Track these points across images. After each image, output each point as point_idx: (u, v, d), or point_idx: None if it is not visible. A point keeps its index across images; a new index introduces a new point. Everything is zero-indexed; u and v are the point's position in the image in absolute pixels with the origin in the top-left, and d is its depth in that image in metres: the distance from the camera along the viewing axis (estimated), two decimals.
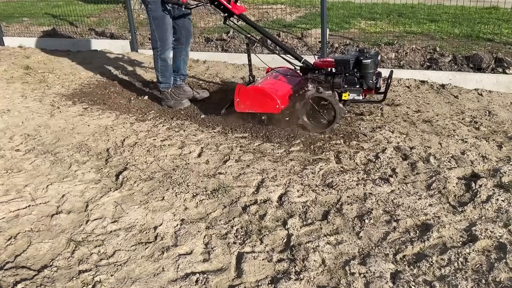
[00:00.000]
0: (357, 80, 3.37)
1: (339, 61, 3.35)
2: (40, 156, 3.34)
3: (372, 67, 3.33)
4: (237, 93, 3.49)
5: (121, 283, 2.06)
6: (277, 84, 3.63)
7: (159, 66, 4.11)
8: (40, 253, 2.28)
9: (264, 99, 3.41)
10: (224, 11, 3.62)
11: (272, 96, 3.39)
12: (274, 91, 3.45)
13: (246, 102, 3.50)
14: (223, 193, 2.75)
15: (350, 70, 3.34)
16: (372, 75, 3.36)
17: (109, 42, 6.66)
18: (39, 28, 7.58)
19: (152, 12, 3.86)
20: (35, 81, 5.25)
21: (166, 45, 4.02)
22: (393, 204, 2.55)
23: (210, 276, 2.07)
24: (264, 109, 3.48)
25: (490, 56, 4.70)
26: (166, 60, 4.10)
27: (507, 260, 2.04)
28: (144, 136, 3.63)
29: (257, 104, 3.47)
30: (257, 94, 3.44)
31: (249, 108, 3.53)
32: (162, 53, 4.04)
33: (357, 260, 2.12)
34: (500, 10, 6.88)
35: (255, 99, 3.45)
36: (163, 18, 3.89)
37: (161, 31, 3.94)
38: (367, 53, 3.37)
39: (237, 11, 3.61)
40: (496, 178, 2.72)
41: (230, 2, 3.58)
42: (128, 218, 2.54)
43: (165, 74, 4.15)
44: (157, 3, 3.81)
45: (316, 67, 3.53)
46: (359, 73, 3.35)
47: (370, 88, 3.40)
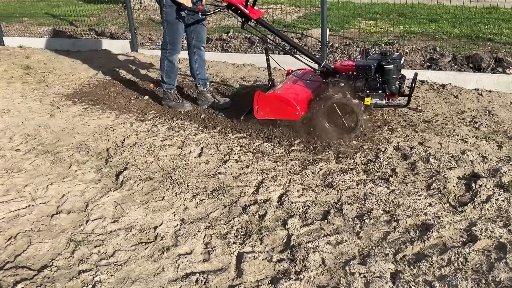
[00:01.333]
0: (379, 85, 3.26)
1: (361, 67, 3.26)
2: (40, 156, 3.34)
3: (395, 72, 3.21)
4: (256, 100, 3.43)
5: (121, 283, 2.06)
6: (297, 89, 3.54)
7: (165, 67, 4.11)
8: (40, 253, 2.28)
9: (284, 106, 3.35)
10: (242, 16, 3.56)
11: (292, 103, 3.32)
12: (294, 97, 3.38)
13: (265, 109, 3.44)
14: (223, 193, 2.75)
15: (372, 75, 3.24)
16: (395, 80, 3.24)
17: (109, 42, 6.66)
18: (39, 28, 7.58)
19: (167, 15, 3.85)
20: (35, 81, 5.25)
21: (176, 49, 4.03)
22: (393, 204, 2.55)
23: (210, 276, 2.07)
24: (284, 116, 3.41)
25: (490, 56, 4.70)
26: (173, 63, 4.10)
27: (507, 260, 2.04)
28: (144, 136, 3.63)
29: (276, 111, 3.41)
30: (277, 101, 3.38)
31: (269, 115, 3.46)
32: (170, 56, 4.05)
33: (357, 260, 2.12)
34: (500, 10, 6.88)
35: (275, 106, 3.40)
36: (176, 23, 3.88)
37: (173, 35, 3.94)
38: (390, 57, 3.26)
39: (254, 15, 3.53)
40: (496, 178, 2.72)
41: (247, 6, 3.52)
42: (128, 218, 2.54)
43: (170, 75, 4.15)
44: (173, 7, 3.79)
45: (336, 71, 3.43)
46: (382, 78, 3.24)
47: (393, 93, 3.30)
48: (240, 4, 3.50)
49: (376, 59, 3.29)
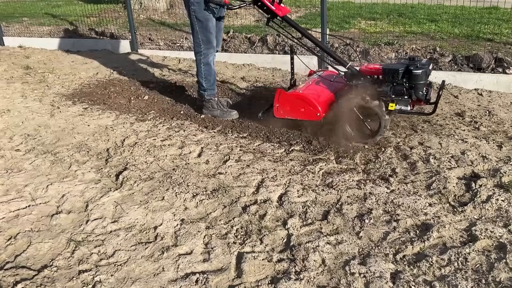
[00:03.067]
0: (406, 90, 3.16)
1: (387, 70, 3.17)
2: (40, 156, 3.34)
3: (423, 78, 3.10)
4: (277, 98, 3.36)
5: (121, 283, 2.06)
6: (319, 90, 3.47)
7: (202, 71, 3.86)
8: (40, 253, 2.28)
9: (305, 106, 3.28)
10: (267, 12, 3.45)
11: (313, 103, 3.25)
12: (316, 98, 3.30)
13: (285, 108, 3.37)
14: (223, 193, 2.75)
15: (399, 79, 3.14)
16: (422, 86, 3.14)
17: (109, 42, 6.66)
18: (39, 28, 7.58)
19: (196, 13, 3.67)
20: (35, 81, 5.25)
21: (211, 48, 3.82)
22: (393, 204, 2.55)
23: (210, 276, 2.07)
24: (304, 116, 3.34)
25: (490, 56, 4.70)
26: (210, 64, 3.88)
27: (507, 260, 2.04)
28: (144, 136, 3.63)
29: (297, 111, 3.34)
30: (298, 100, 3.31)
31: (289, 115, 3.39)
32: (205, 57, 3.83)
33: (357, 260, 2.12)
34: (500, 10, 6.88)
35: (296, 106, 3.32)
36: (208, 19, 3.70)
37: (206, 33, 3.73)
38: (418, 62, 3.17)
39: (281, 12, 3.42)
40: (496, 178, 2.72)
41: (274, 3, 3.40)
42: (128, 218, 2.54)
43: (209, 79, 3.91)
44: (201, 3, 3.63)
45: (362, 73, 3.33)
46: (409, 83, 3.14)
47: (419, 99, 3.20)
48: (267, 0, 3.39)
49: (404, 64, 3.19)
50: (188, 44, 6.36)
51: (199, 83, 3.95)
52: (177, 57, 6.00)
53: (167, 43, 6.56)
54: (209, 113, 3.97)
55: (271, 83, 4.87)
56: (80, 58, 6.15)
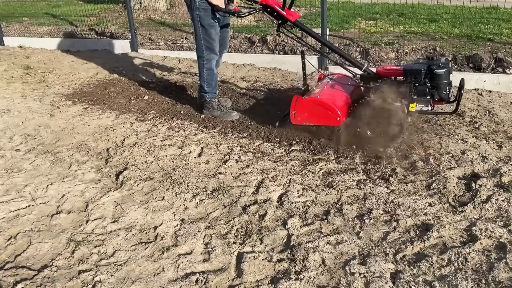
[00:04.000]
0: (428, 90, 3.13)
1: (409, 71, 3.12)
2: (40, 156, 3.34)
3: (446, 77, 3.09)
4: (293, 104, 3.27)
5: (121, 283, 2.06)
6: (336, 94, 3.41)
7: (205, 75, 3.89)
8: (40, 253, 2.28)
9: (324, 111, 3.20)
10: (278, 18, 3.41)
11: (332, 108, 3.18)
12: (334, 102, 3.24)
13: (303, 114, 3.28)
14: (223, 193, 2.75)
15: (421, 80, 3.11)
16: (446, 85, 3.11)
17: (109, 42, 6.66)
18: (39, 28, 7.58)
19: (201, 19, 3.64)
20: (35, 81, 5.25)
21: (213, 54, 3.83)
22: (393, 204, 2.55)
23: (210, 276, 2.07)
24: (323, 121, 3.27)
25: (490, 56, 4.70)
26: (212, 69, 3.90)
27: (507, 260, 2.04)
28: (144, 136, 3.63)
29: (315, 117, 3.26)
30: (316, 106, 3.23)
31: (307, 121, 3.31)
32: (208, 63, 3.84)
33: (357, 260, 2.12)
34: (500, 10, 6.88)
35: (314, 111, 3.24)
36: (212, 26, 3.69)
37: (209, 40, 3.73)
38: (439, 61, 3.14)
39: (292, 17, 3.38)
40: (496, 178, 2.72)
41: (285, 8, 3.35)
42: (128, 218, 2.54)
43: (211, 83, 3.93)
44: (208, 10, 3.60)
45: (379, 75, 3.29)
46: (431, 83, 3.11)
47: (442, 99, 3.17)
48: (276, 5, 3.34)
49: (425, 63, 3.16)
50: (188, 44, 6.36)
51: (201, 86, 3.98)
52: (177, 57, 6.00)
53: (167, 43, 6.56)
54: (209, 113, 4.00)
55: (271, 83, 4.87)
56: (80, 58, 6.15)
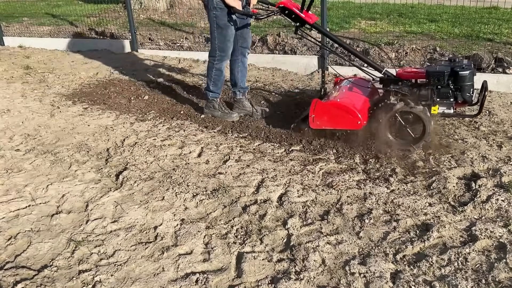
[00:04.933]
0: (451, 93, 3.08)
1: (433, 73, 3.06)
2: (40, 156, 3.34)
3: (471, 79, 3.04)
4: (312, 108, 3.21)
5: (121, 283, 2.06)
6: (355, 97, 3.35)
7: (212, 75, 3.84)
8: (40, 253, 2.28)
9: (344, 114, 3.14)
10: (296, 21, 3.35)
11: (353, 112, 3.12)
12: (354, 105, 3.18)
13: (323, 118, 3.22)
14: (223, 193, 2.75)
15: (444, 82, 3.05)
16: (470, 87, 3.06)
17: (109, 42, 6.66)
18: (39, 28, 7.58)
19: (217, 19, 3.58)
20: (35, 81, 5.25)
21: (225, 55, 3.77)
22: (393, 204, 2.55)
23: (210, 276, 2.07)
24: (344, 125, 3.21)
25: (490, 56, 4.70)
26: (221, 70, 3.84)
27: (507, 260, 2.04)
28: (144, 136, 3.63)
29: (335, 120, 3.20)
30: (336, 109, 3.17)
31: (326, 125, 3.25)
32: (218, 63, 3.78)
33: (357, 260, 2.12)
34: (500, 10, 6.89)
35: (334, 115, 3.18)
36: (228, 27, 3.62)
37: (223, 40, 3.67)
38: (462, 63, 3.09)
39: (311, 20, 3.33)
40: (496, 178, 2.73)
41: (303, 11, 3.31)
42: (128, 218, 2.54)
43: (217, 83, 3.89)
44: (224, 10, 3.53)
45: (399, 78, 3.22)
46: (455, 85, 3.06)
47: (466, 101, 3.11)
48: (295, 8, 3.31)
49: (448, 65, 3.10)
50: (188, 44, 6.36)
51: (207, 84, 3.94)
52: (177, 57, 6.00)
53: (167, 43, 6.56)
54: (210, 113, 3.98)
55: (271, 83, 4.87)
56: (80, 58, 6.15)
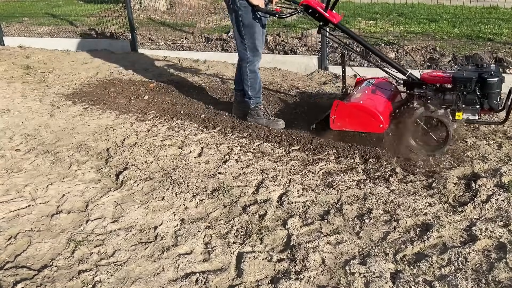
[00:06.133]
0: (477, 99, 3.00)
1: (459, 79, 2.98)
2: (40, 156, 3.34)
3: (499, 86, 2.96)
4: (334, 109, 3.15)
5: (121, 283, 2.06)
6: (378, 100, 3.28)
7: (248, 79, 3.68)
8: (40, 253, 2.28)
9: (366, 117, 3.08)
10: (319, 20, 3.31)
11: (376, 115, 3.06)
12: (377, 108, 3.11)
13: (344, 120, 3.16)
14: (223, 193, 2.75)
15: (471, 88, 2.97)
16: (497, 95, 2.98)
17: (109, 42, 6.66)
18: (39, 28, 7.58)
19: (243, 18, 3.47)
20: (35, 81, 5.25)
21: (257, 55, 3.63)
22: (393, 204, 2.55)
23: (210, 276, 2.07)
24: (365, 128, 3.15)
25: (490, 56, 4.70)
26: (256, 72, 3.69)
27: (507, 260, 2.04)
28: (144, 136, 3.63)
29: (357, 123, 3.14)
30: (359, 111, 3.11)
31: (347, 127, 3.19)
32: (251, 64, 3.63)
33: (357, 260, 2.12)
34: (500, 10, 6.89)
35: (356, 117, 3.12)
36: (255, 25, 3.51)
37: (253, 39, 3.55)
38: (490, 69, 3.01)
39: (335, 20, 3.28)
40: (496, 178, 2.72)
41: (327, 10, 3.26)
42: (128, 218, 2.54)
43: (255, 87, 3.73)
44: (248, 9, 3.44)
45: (424, 81, 3.16)
46: (482, 92, 2.98)
47: (492, 108, 3.03)
48: (319, 6, 3.26)
49: (475, 71, 3.03)
50: (188, 44, 6.36)
51: (245, 91, 3.77)
52: (177, 57, 6.00)
53: (167, 43, 6.56)
54: (254, 121, 3.79)
55: (271, 83, 4.87)
56: (80, 58, 6.15)
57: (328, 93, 4.46)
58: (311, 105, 4.17)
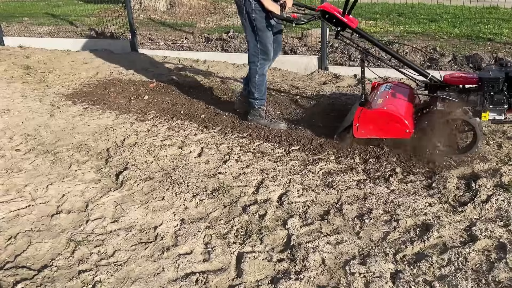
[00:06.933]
0: (505, 99, 2.97)
1: (487, 79, 2.96)
2: (40, 156, 3.34)
3: None
4: (357, 117, 3.09)
5: (121, 283, 2.06)
6: (401, 104, 3.20)
7: (256, 81, 3.68)
8: (40, 253, 2.28)
9: (392, 123, 3.02)
10: (337, 25, 3.28)
11: (401, 120, 2.99)
12: (402, 113, 3.05)
13: (368, 127, 3.09)
14: (223, 193, 2.75)
15: (498, 88, 2.94)
16: None
17: (109, 42, 6.66)
18: (39, 28, 7.58)
19: (257, 22, 3.45)
20: (35, 81, 5.25)
21: (268, 59, 3.65)
22: (393, 204, 2.55)
23: (210, 276, 2.07)
24: (391, 134, 3.07)
25: (490, 56, 4.70)
26: (265, 75, 3.71)
27: (507, 260, 2.04)
28: (144, 136, 3.63)
29: (382, 129, 3.07)
30: (384, 117, 3.04)
31: (372, 134, 3.11)
32: (261, 67, 3.65)
33: (357, 260, 2.12)
34: (500, 10, 6.89)
35: (380, 124, 3.06)
36: (268, 29, 3.52)
37: (265, 43, 3.55)
38: None
39: (353, 24, 3.27)
40: (496, 178, 2.72)
41: (345, 15, 3.25)
42: (128, 218, 2.54)
43: (261, 89, 3.73)
44: (262, 13, 3.42)
45: (447, 83, 3.11)
46: (509, 91, 2.95)
47: None
48: (336, 12, 3.24)
49: (501, 71, 2.99)
50: (188, 44, 6.36)
51: (250, 92, 3.77)
52: (177, 57, 6.00)
53: (167, 43, 6.56)
54: (255, 121, 3.80)
55: (271, 83, 4.87)
56: (80, 58, 6.15)
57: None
58: (310, 107, 4.17)
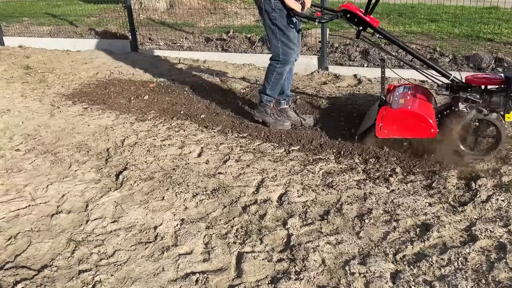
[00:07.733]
0: None
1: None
2: (40, 156, 3.34)
3: None
4: (380, 117, 3.05)
5: (121, 283, 2.06)
6: (423, 104, 3.16)
7: (272, 78, 3.60)
8: (40, 253, 2.28)
9: (417, 123, 2.98)
10: (358, 24, 3.23)
11: (426, 120, 2.96)
12: (426, 113, 3.02)
13: (392, 127, 3.04)
14: (223, 193, 2.75)
15: None
16: None
17: (109, 42, 6.66)
18: (39, 28, 7.58)
19: (277, 20, 3.37)
20: (35, 81, 5.25)
21: (290, 59, 3.54)
22: (393, 204, 2.55)
23: (210, 276, 2.07)
24: (415, 134, 3.04)
25: (490, 56, 4.70)
26: (283, 74, 3.60)
27: (507, 260, 2.04)
28: (144, 136, 3.63)
29: (407, 129, 3.04)
30: (408, 117, 3.00)
31: (395, 134, 3.07)
32: (281, 67, 3.54)
33: (357, 260, 2.12)
34: (500, 10, 6.89)
35: (405, 123, 3.02)
36: (289, 29, 3.42)
37: (288, 42, 3.45)
38: None
39: (375, 24, 3.21)
40: (496, 178, 2.73)
41: (367, 14, 3.19)
42: (128, 218, 2.55)
43: (275, 87, 3.64)
44: (283, 11, 3.34)
45: (469, 84, 3.04)
46: None
47: None
48: (359, 11, 3.19)
49: None
50: (188, 44, 6.36)
51: (263, 86, 3.71)
52: (177, 57, 6.00)
53: (167, 43, 6.56)
54: (261, 117, 3.75)
55: None
56: (80, 58, 6.15)
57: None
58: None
